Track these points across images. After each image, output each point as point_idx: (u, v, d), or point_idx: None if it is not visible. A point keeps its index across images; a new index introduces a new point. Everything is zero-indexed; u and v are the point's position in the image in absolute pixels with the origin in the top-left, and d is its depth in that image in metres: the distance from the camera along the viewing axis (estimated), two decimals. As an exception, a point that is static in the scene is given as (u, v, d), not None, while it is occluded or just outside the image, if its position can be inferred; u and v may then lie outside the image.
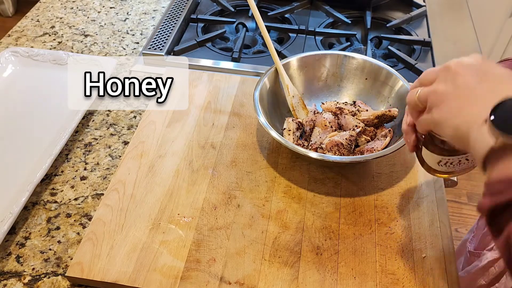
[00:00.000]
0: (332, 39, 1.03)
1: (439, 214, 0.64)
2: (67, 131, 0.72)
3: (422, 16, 1.07)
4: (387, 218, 0.63)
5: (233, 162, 0.70)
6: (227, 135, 0.74)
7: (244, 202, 0.64)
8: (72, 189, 0.69)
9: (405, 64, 0.92)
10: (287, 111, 0.75)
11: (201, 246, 0.59)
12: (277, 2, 1.10)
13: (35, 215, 0.65)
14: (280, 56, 0.91)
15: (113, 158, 0.73)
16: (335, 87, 0.79)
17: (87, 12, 1.06)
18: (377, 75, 0.76)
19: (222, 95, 0.81)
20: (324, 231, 0.61)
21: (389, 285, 0.56)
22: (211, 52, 0.95)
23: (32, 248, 0.61)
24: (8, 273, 0.59)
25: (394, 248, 0.60)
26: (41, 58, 0.88)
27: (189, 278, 0.56)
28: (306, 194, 0.66)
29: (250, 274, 0.57)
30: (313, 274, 0.57)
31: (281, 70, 0.74)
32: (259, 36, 1.01)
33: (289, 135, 0.70)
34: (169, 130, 0.75)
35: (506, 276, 0.74)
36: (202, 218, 0.62)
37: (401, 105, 0.72)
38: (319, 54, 0.78)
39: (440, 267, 0.58)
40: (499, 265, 0.75)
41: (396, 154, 0.71)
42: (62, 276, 0.58)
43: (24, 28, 1.01)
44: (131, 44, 0.97)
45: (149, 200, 0.65)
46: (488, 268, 0.78)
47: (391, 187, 0.67)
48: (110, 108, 0.82)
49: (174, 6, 1.04)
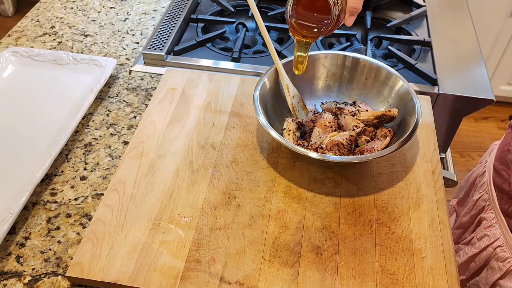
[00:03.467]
0: (332, 39, 1.03)
1: (439, 214, 0.64)
2: (67, 131, 0.72)
3: (422, 16, 1.07)
4: (387, 218, 0.63)
5: (233, 162, 0.70)
6: (227, 135, 0.74)
7: (244, 202, 0.64)
8: (72, 189, 0.69)
9: (405, 64, 0.92)
10: (287, 111, 0.75)
11: (201, 246, 0.59)
12: (277, 2, 1.10)
13: (35, 215, 0.65)
14: (280, 56, 0.91)
15: (113, 158, 0.73)
16: (335, 87, 0.79)
17: (87, 12, 1.06)
18: (377, 75, 0.76)
19: (222, 95, 0.81)
20: (324, 231, 0.61)
21: (389, 285, 0.56)
22: (211, 52, 0.95)
23: (32, 248, 0.61)
24: (8, 273, 0.59)
25: (394, 248, 0.60)
26: (41, 58, 0.88)
27: (189, 278, 0.56)
28: (306, 194, 0.66)
29: (250, 274, 0.57)
30: (313, 274, 0.57)
31: (281, 70, 0.74)
32: (259, 36, 1.01)
33: (289, 135, 0.70)
34: (169, 130, 0.75)
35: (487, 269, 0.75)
36: (202, 218, 0.62)
37: (401, 105, 0.72)
38: (319, 54, 0.78)
39: (440, 267, 0.58)
40: (479, 259, 0.76)
41: (396, 154, 0.71)
42: (62, 276, 0.58)
43: (24, 28, 1.01)
44: (131, 44, 0.97)
45: (149, 200, 0.65)
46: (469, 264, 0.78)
47: (391, 187, 0.67)
48: (110, 108, 0.82)
49: (174, 6, 1.04)
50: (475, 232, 0.79)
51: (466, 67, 0.93)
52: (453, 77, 0.90)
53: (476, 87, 0.87)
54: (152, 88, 0.87)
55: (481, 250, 0.75)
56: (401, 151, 0.72)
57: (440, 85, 0.87)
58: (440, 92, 0.86)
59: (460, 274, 0.81)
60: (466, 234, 0.83)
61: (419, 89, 0.87)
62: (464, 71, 0.92)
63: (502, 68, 1.99)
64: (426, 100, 0.81)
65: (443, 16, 1.07)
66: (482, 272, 0.76)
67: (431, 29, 1.03)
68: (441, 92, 0.86)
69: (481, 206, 0.79)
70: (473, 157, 1.96)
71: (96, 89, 0.80)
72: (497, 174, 0.75)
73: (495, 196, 0.75)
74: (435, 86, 0.87)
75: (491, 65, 1.97)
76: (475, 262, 0.77)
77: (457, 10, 1.09)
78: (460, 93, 0.86)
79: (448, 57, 0.95)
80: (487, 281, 0.74)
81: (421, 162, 0.70)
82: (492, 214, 0.75)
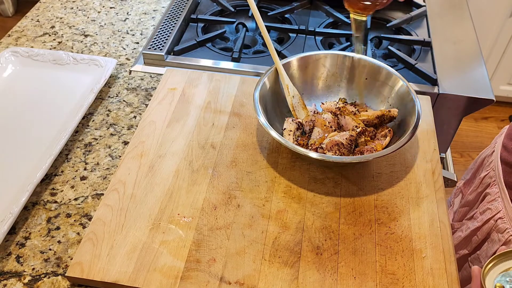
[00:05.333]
0: (332, 39, 1.03)
1: (439, 214, 0.64)
2: (67, 131, 0.72)
3: (422, 16, 1.07)
4: (387, 218, 0.63)
5: (233, 162, 0.70)
6: (227, 135, 0.74)
7: (244, 202, 0.64)
8: (72, 189, 0.69)
9: (405, 64, 0.92)
10: (287, 111, 0.75)
11: (201, 246, 0.59)
12: (277, 2, 1.10)
13: (35, 215, 0.65)
14: (280, 56, 0.91)
15: (113, 158, 0.73)
16: (335, 87, 0.79)
17: (87, 12, 1.06)
18: (377, 75, 0.76)
19: (222, 95, 0.81)
20: (324, 231, 0.61)
21: (389, 285, 0.56)
22: (211, 52, 0.95)
23: (32, 248, 0.61)
24: (8, 273, 0.59)
25: (394, 248, 0.60)
26: (41, 58, 0.88)
27: (189, 278, 0.56)
28: (306, 194, 0.66)
29: (250, 274, 0.57)
30: (313, 274, 0.57)
31: (281, 70, 0.74)
32: (259, 36, 1.01)
33: (289, 135, 0.70)
34: (169, 130, 0.75)
35: (488, 242, 0.75)
36: (202, 218, 0.62)
37: (401, 105, 0.72)
38: (319, 54, 0.78)
39: (440, 267, 0.58)
40: (481, 233, 0.76)
41: (396, 154, 0.71)
42: (62, 276, 0.58)
43: (24, 28, 1.01)
44: (131, 44, 0.97)
45: (149, 200, 0.65)
46: (471, 238, 0.79)
47: (391, 187, 0.67)
48: (110, 108, 0.82)
49: (174, 6, 1.04)
50: (478, 207, 0.79)
51: (466, 67, 0.93)
52: (453, 77, 0.90)
53: (476, 87, 0.87)
54: (152, 88, 0.87)
55: (484, 223, 0.75)
56: (401, 151, 0.72)
57: (440, 85, 0.87)
58: (440, 92, 0.86)
59: (462, 248, 0.81)
60: (470, 211, 0.83)
61: (419, 89, 0.87)
62: (464, 71, 0.92)
63: (502, 68, 1.99)
64: (426, 100, 0.81)
65: (443, 16, 1.07)
66: (483, 245, 0.76)
67: (431, 29, 1.03)
68: (441, 92, 0.86)
69: (486, 183, 0.79)
70: (473, 157, 1.96)
71: (96, 89, 0.80)
72: (505, 149, 0.76)
73: (500, 171, 0.75)
74: (435, 86, 0.87)
75: (491, 65, 1.97)
76: (477, 236, 0.77)
77: (457, 10, 1.09)
78: (460, 93, 0.86)
79: (448, 57, 0.95)
80: (487, 254, 0.75)
81: (421, 162, 0.70)
82: (496, 189, 0.75)
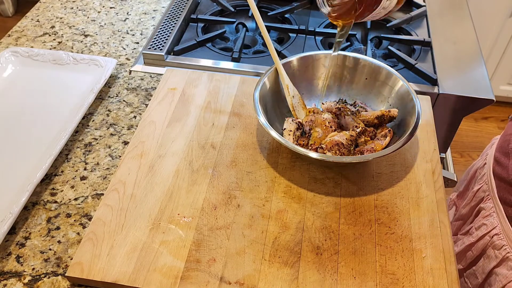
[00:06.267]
0: (332, 39, 1.03)
1: (439, 214, 0.64)
2: (67, 131, 0.72)
3: (422, 16, 1.07)
4: (387, 218, 0.63)
5: (233, 162, 0.70)
6: (227, 135, 0.74)
7: (244, 202, 0.64)
8: (72, 189, 0.69)
9: (405, 64, 0.92)
10: (287, 111, 0.75)
11: (201, 246, 0.59)
12: (277, 2, 1.10)
13: (35, 215, 0.65)
14: (280, 56, 0.91)
15: (113, 158, 0.73)
16: (335, 87, 0.79)
17: (87, 12, 1.06)
18: (377, 75, 0.76)
19: (222, 95, 0.81)
20: (324, 231, 0.61)
21: (389, 285, 0.56)
22: (211, 52, 0.95)
23: (32, 248, 0.61)
24: (8, 273, 0.59)
25: (394, 248, 0.60)
26: (41, 58, 0.88)
27: (189, 278, 0.56)
28: (306, 194, 0.66)
29: (250, 274, 0.57)
30: (313, 274, 0.57)
31: (281, 70, 0.74)
32: (259, 36, 1.01)
33: (289, 135, 0.70)
34: (169, 130, 0.75)
35: (484, 258, 0.75)
36: (202, 218, 0.62)
37: (401, 105, 0.72)
38: (319, 54, 0.78)
39: (440, 267, 0.58)
40: (476, 248, 0.76)
41: (396, 154, 0.71)
42: (62, 276, 0.58)
43: (24, 28, 1.01)
44: (131, 44, 0.97)
45: (149, 200, 0.65)
46: (466, 253, 0.79)
47: (391, 187, 0.67)
48: (110, 108, 0.82)
49: (174, 6, 1.04)
50: (473, 222, 0.79)
51: (466, 67, 0.93)
52: (453, 77, 0.90)
53: (476, 87, 0.87)
54: (152, 88, 0.87)
55: (479, 239, 0.75)
56: (401, 151, 0.72)
57: (440, 85, 0.87)
58: (440, 92, 0.86)
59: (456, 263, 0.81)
60: (465, 225, 0.83)
61: (419, 89, 0.87)
62: (464, 71, 0.92)
63: (502, 68, 1.99)
64: (426, 100, 0.81)
65: (443, 16, 1.07)
66: (479, 261, 0.76)
67: (431, 29, 1.03)
68: (441, 92, 0.86)
69: (480, 197, 0.79)
70: (473, 157, 1.96)
71: (96, 89, 0.80)
72: (497, 163, 0.76)
73: (494, 186, 0.75)
74: (435, 86, 0.87)
75: (491, 65, 1.98)
76: (472, 251, 0.77)
77: (457, 10, 1.09)
78: (460, 93, 0.86)
79: (448, 57, 0.95)
80: (484, 270, 0.75)
81: (421, 162, 0.70)
82: (491, 203, 0.75)
